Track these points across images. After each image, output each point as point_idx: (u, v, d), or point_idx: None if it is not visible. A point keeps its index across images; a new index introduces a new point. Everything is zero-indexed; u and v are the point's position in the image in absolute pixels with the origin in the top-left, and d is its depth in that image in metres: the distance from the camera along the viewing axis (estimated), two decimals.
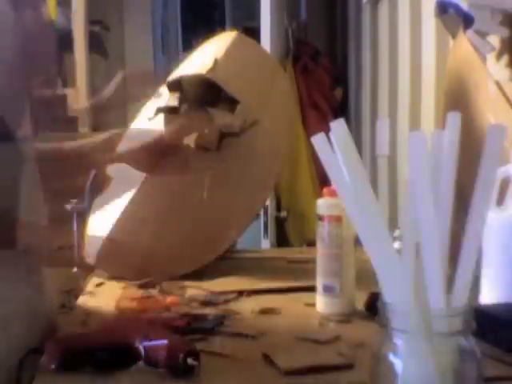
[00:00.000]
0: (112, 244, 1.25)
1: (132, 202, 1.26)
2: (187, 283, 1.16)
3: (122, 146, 1.15)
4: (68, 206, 1.42)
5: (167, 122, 1.30)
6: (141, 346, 0.72)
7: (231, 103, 1.31)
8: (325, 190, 0.97)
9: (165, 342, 0.72)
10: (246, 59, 1.44)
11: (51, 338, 0.77)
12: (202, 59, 1.40)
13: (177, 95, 1.33)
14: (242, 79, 1.37)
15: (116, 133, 1.15)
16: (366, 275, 0.74)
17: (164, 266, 1.22)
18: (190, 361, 0.71)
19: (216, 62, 1.34)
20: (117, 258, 1.25)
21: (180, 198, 1.26)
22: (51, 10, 2.46)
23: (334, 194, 0.94)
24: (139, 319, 0.87)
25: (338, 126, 0.46)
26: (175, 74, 1.41)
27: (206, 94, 1.31)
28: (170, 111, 1.33)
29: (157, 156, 1.17)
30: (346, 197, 0.46)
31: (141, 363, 0.72)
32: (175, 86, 1.36)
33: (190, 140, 1.23)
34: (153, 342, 0.72)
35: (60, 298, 1.18)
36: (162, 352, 0.71)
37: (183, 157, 1.20)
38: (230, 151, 1.27)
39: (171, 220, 1.26)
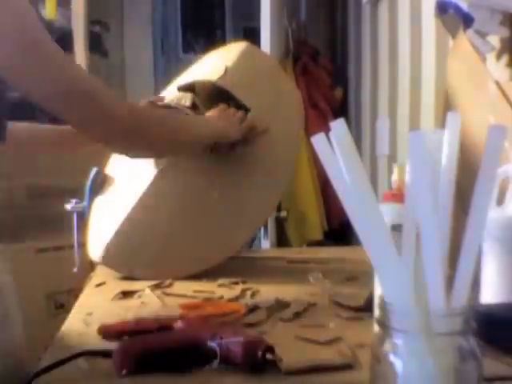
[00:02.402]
0: (121, 243, 1.25)
1: (142, 201, 1.26)
2: (188, 283, 1.17)
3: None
4: (68, 206, 1.42)
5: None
6: (215, 345, 0.72)
7: (241, 111, 1.32)
8: (385, 193, 0.88)
9: (241, 338, 0.71)
10: (256, 69, 1.45)
11: (120, 344, 0.74)
12: (212, 67, 1.42)
13: (190, 95, 1.34)
14: (252, 88, 1.38)
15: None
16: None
17: (175, 266, 1.22)
18: (268, 356, 0.71)
19: (227, 69, 1.35)
20: (125, 257, 1.25)
21: (192, 198, 1.27)
22: (51, 10, 2.46)
23: (398, 198, 0.86)
24: (197, 319, 0.86)
25: (338, 126, 0.46)
26: (186, 78, 1.43)
27: (215, 101, 1.32)
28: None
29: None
30: (346, 197, 0.46)
31: (215, 362, 0.72)
32: (187, 90, 1.37)
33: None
34: (228, 340, 0.72)
35: (60, 298, 1.18)
36: (238, 349, 0.71)
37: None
38: (242, 152, 1.28)
39: (183, 219, 1.27)
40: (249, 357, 0.71)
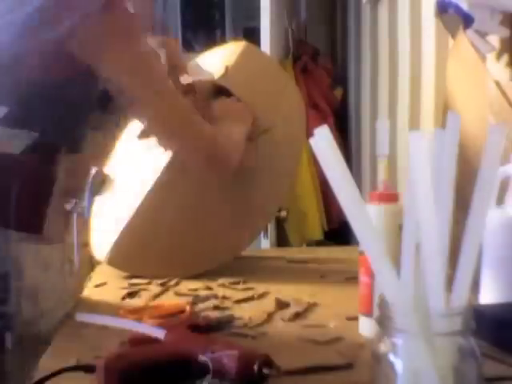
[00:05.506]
0: (126, 243, 1.25)
1: (146, 200, 1.27)
2: (188, 283, 1.17)
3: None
4: (68, 206, 1.42)
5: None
6: (207, 359, 0.66)
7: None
8: (372, 194, 0.85)
9: (235, 352, 0.66)
10: (257, 68, 1.45)
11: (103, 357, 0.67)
12: (212, 66, 1.41)
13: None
14: (253, 87, 1.38)
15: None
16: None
17: (181, 265, 1.23)
18: (265, 370, 0.66)
19: (227, 69, 1.35)
20: (131, 256, 1.26)
21: (197, 198, 1.27)
22: None
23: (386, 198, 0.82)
24: (186, 331, 0.76)
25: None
26: (186, 78, 1.42)
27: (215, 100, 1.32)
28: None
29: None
30: (343, 198, 0.46)
31: (208, 377, 0.65)
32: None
33: None
34: (220, 353, 0.66)
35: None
36: (232, 363, 0.65)
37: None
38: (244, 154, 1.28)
39: (188, 219, 1.27)
40: (244, 371, 0.65)
